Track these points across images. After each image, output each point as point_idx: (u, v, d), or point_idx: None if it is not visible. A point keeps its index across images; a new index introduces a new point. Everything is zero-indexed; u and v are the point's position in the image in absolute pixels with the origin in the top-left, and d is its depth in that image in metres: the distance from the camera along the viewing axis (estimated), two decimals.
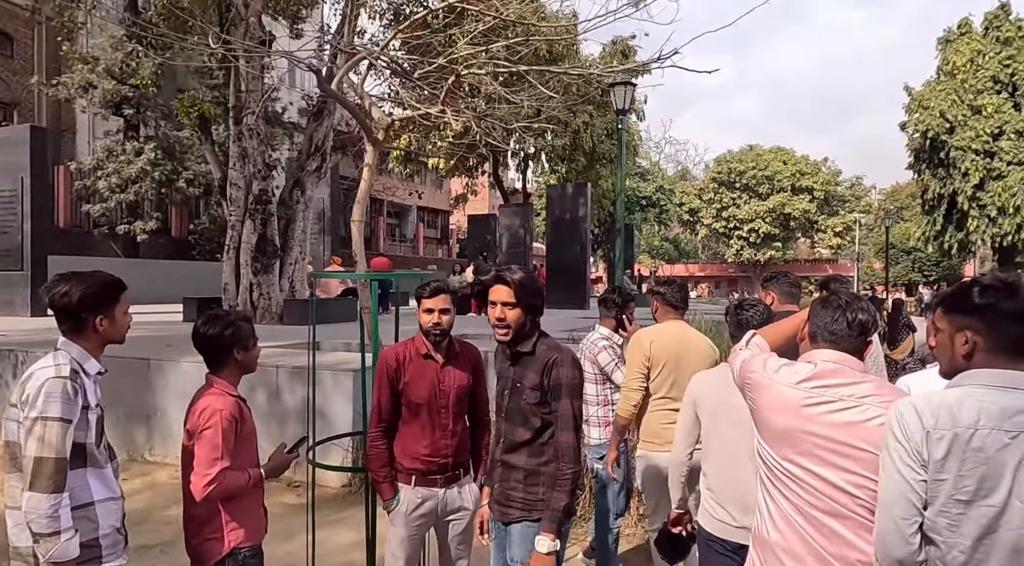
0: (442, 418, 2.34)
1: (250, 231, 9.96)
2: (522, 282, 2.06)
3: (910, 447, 1.32)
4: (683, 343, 3.02)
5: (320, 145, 10.91)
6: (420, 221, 37.24)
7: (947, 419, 1.29)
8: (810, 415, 1.53)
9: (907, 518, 1.32)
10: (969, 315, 1.38)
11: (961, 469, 1.27)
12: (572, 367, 2.11)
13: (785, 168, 48.20)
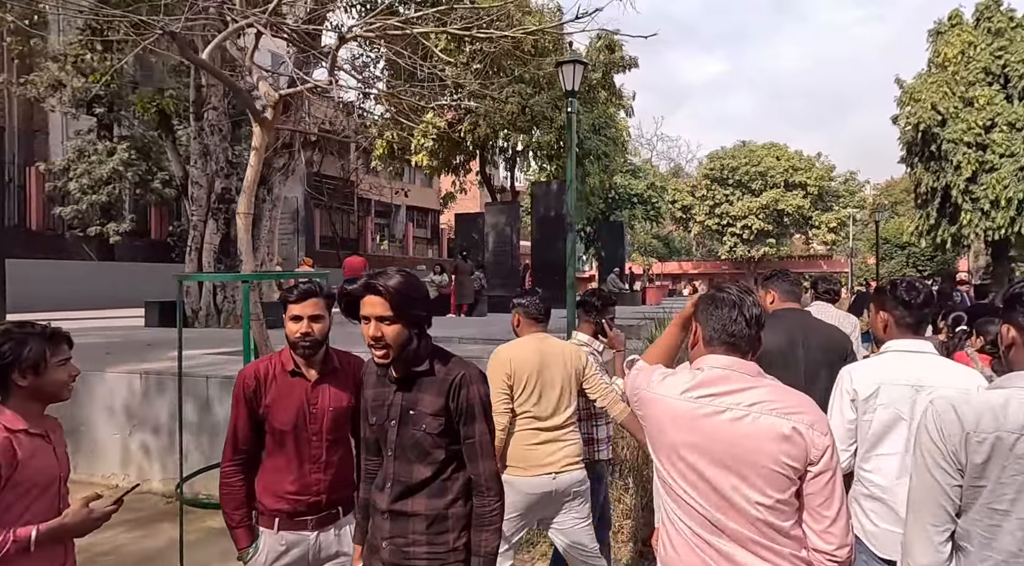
0: (313, 447, 1.95)
1: (213, 231, 9.57)
2: (398, 289, 1.66)
3: (947, 449, 1.23)
4: (545, 355, 2.75)
5: (288, 141, 10.52)
6: (409, 221, 36.84)
7: (990, 421, 1.20)
8: (699, 427, 1.41)
9: (938, 525, 1.25)
10: (1016, 310, 1.31)
11: (1002, 476, 1.18)
12: (482, 383, 1.75)
13: (778, 164, 47.92)
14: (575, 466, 2.68)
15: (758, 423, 1.36)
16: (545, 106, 19.78)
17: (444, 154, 23.47)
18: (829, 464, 1.34)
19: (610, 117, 22.81)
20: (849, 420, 2.00)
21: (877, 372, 1.98)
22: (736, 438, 1.37)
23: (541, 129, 19.75)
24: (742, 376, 1.43)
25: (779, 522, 1.35)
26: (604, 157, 21.39)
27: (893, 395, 1.92)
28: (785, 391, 1.45)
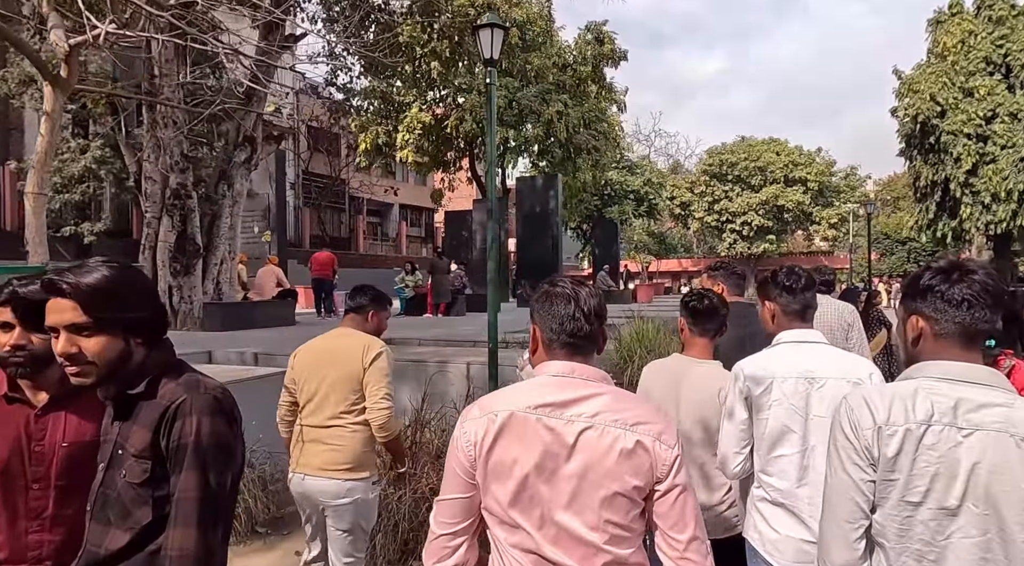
0: (33, 498, 1.45)
1: (167, 229, 9.13)
2: (96, 287, 1.23)
3: (860, 444, 1.24)
4: (331, 354, 2.62)
5: (249, 134, 10.07)
6: (403, 219, 36.38)
7: (900, 414, 1.21)
8: (532, 443, 1.25)
9: (852, 521, 1.25)
10: (917, 299, 1.30)
11: (913, 468, 1.19)
12: (210, 415, 1.27)
13: (778, 159, 47.28)
14: (329, 473, 2.53)
15: (600, 437, 1.23)
16: (532, 100, 19.32)
17: (434, 151, 23.06)
18: (676, 481, 1.23)
19: (601, 111, 22.30)
20: (742, 420, 1.92)
21: (769, 366, 1.89)
22: (575, 455, 1.23)
23: (529, 122, 19.25)
24: (585, 382, 1.28)
25: (619, 550, 1.22)
26: (595, 152, 20.88)
27: (786, 389, 1.84)
28: (627, 398, 1.30)
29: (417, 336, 7.79)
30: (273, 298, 10.31)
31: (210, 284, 9.47)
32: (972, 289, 1.22)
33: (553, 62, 20.99)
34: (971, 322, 1.22)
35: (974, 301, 1.22)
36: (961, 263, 1.28)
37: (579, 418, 1.23)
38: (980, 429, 1.15)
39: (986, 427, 1.15)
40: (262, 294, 10.29)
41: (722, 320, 2.34)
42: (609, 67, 22.30)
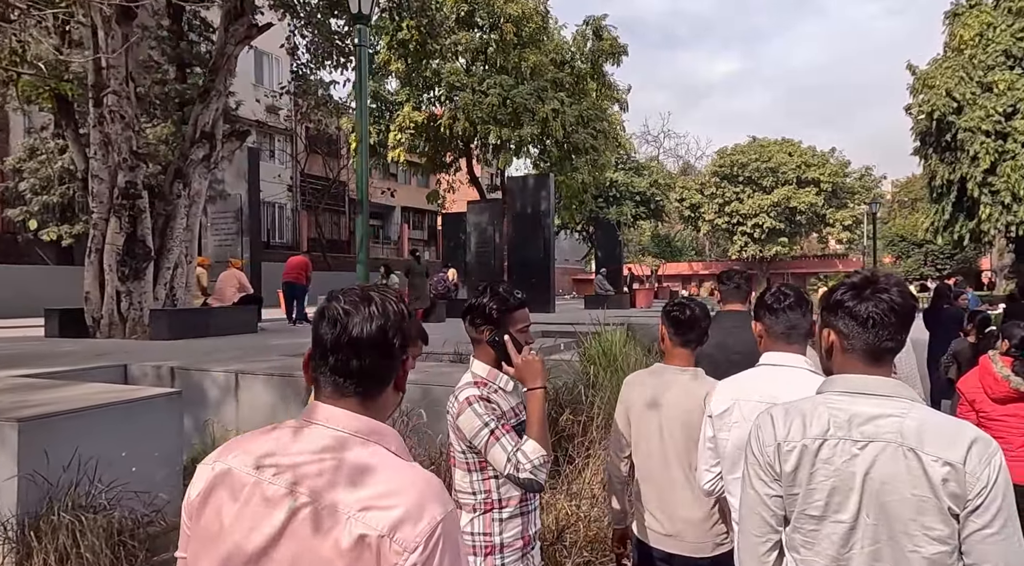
0: None
1: (115, 231, 8.58)
2: None
3: (763, 460, 1.26)
4: None
5: (208, 130, 9.50)
6: (404, 222, 35.89)
7: (798, 429, 1.23)
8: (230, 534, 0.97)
9: (760, 535, 1.27)
10: (830, 313, 1.29)
11: (811, 482, 1.21)
12: None
13: (790, 160, 46.21)
14: None
15: (310, 520, 0.90)
16: (527, 97, 18.64)
17: (431, 152, 22.48)
18: None
19: (601, 110, 21.57)
20: (708, 437, 1.94)
21: (734, 388, 1.89)
22: (283, 541, 0.91)
23: (523, 121, 18.57)
24: (332, 433, 0.97)
25: None
26: (593, 151, 20.15)
27: (745, 412, 1.81)
28: (385, 464, 0.95)
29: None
30: (234, 304, 9.73)
31: (162, 290, 8.90)
32: (879, 307, 1.22)
33: (551, 59, 20.31)
34: (875, 341, 1.23)
35: (879, 319, 1.22)
36: (875, 279, 1.25)
37: (288, 486, 0.93)
38: (873, 441, 1.16)
39: (879, 438, 1.16)
40: (222, 300, 9.71)
41: (703, 330, 2.22)
42: (610, 64, 21.59)
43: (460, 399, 1.77)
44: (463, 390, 1.80)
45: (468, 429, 1.73)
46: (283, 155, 29.05)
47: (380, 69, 20.26)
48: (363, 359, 1.00)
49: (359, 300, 1.02)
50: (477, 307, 1.87)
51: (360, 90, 3.56)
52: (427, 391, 4.42)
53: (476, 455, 1.79)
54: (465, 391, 1.78)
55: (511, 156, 19.56)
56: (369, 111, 21.48)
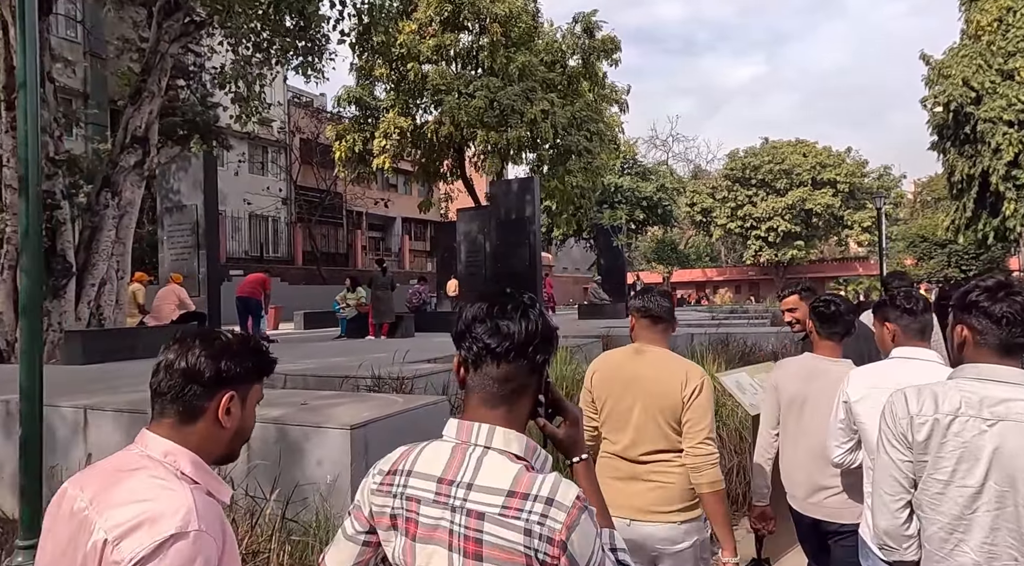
0: None
1: None
2: None
3: (897, 431, 1.48)
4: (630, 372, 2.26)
5: (140, 135, 8.77)
6: (405, 233, 35.20)
7: (930, 406, 1.44)
8: None
9: (892, 495, 1.50)
10: (964, 311, 1.49)
11: (940, 451, 1.41)
12: None
13: (805, 161, 44.81)
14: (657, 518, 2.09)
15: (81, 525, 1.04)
16: (515, 99, 17.82)
17: (422, 159, 21.75)
18: None
19: (596, 111, 20.67)
20: (840, 419, 2.11)
21: (871, 378, 2.06)
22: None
23: (511, 123, 17.73)
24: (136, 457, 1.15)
25: None
26: (587, 154, 19.22)
27: (883, 399, 1.82)
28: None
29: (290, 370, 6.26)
30: (173, 322, 8.94)
31: (86, 309, 8.14)
32: (1012, 308, 1.43)
33: (541, 59, 19.50)
34: (1007, 337, 1.44)
35: (1013, 318, 1.43)
36: (1008, 283, 1.47)
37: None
38: (1003, 420, 1.37)
39: (1009, 418, 1.37)
40: (159, 318, 8.93)
41: (848, 324, 2.42)
42: (606, 63, 20.71)
43: (564, 501, 0.95)
44: (557, 486, 0.96)
45: (584, 549, 0.95)
46: (275, 167, 28.56)
47: (364, 74, 19.63)
48: (174, 380, 1.12)
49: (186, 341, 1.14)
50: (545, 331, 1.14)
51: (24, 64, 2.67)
52: (284, 434, 3.50)
53: None
54: (561, 486, 0.96)
55: (498, 161, 18.70)
56: (353, 118, 20.93)
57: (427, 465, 1.01)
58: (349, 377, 5.54)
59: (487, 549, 0.93)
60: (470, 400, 1.04)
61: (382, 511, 1.03)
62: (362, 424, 3.39)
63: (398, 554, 1.00)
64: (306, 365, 6.67)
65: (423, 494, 0.99)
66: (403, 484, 1.01)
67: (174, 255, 11.86)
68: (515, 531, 0.92)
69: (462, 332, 1.04)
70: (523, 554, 0.91)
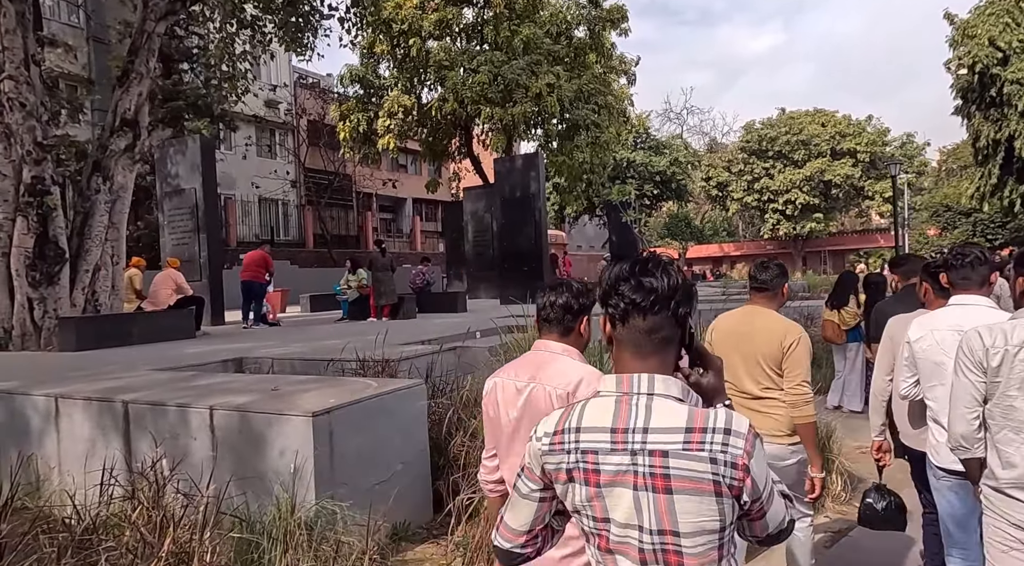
0: None
1: (23, 231, 7.77)
2: None
3: (974, 359, 1.91)
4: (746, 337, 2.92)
5: (130, 118, 8.62)
6: (416, 214, 34.98)
7: (1001, 340, 1.86)
8: None
9: (968, 408, 1.93)
10: (1022, 266, 2.07)
11: (1010, 374, 1.84)
12: None
13: (823, 131, 43.58)
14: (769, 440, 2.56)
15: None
16: (519, 73, 17.37)
17: (428, 137, 21.43)
18: None
19: (604, 84, 20.13)
20: (906, 357, 2.59)
21: (928, 322, 2.54)
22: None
23: (516, 98, 17.31)
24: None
25: None
26: (595, 128, 18.76)
27: (937, 338, 2.47)
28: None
29: (278, 354, 6.12)
30: (169, 307, 8.87)
31: (81, 295, 8.08)
32: None
33: (546, 31, 18.97)
34: None
35: None
36: None
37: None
38: None
39: None
40: (156, 303, 8.86)
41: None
42: (613, 33, 20.10)
43: (740, 429, 1.06)
44: (731, 418, 1.08)
45: (761, 478, 1.09)
46: (283, 150, 28.43)
47: (367, 52, 19.28)
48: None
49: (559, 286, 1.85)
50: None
51: None
52: (247, 421, 3.35)
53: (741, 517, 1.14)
54: (734, 417, 1.08)
55: (504, 138, 18.32)
56: (357, 97, 20.63)
57: (594, 419, 1.10)
58: (335, 360, 5.39)
59: (676, 482, 1.03)
60: (621, 354, 1.14)
61: (558, 468, 1.12)
62: (325, 411, 3.22)
63: (580, 502, 1.10)
64: (295, 349, 6.54)
65: (599, 445, 1.08)
66: (575, 440, 1.11)
67: (175, 239, 11.80)
68: (701, 462, 1.02)
69: (607, 292, 1.14)
70: (711, 481, 1.02)
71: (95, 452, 3.93)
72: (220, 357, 6.06)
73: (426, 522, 3.71)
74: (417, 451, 3.76)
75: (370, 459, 3.46)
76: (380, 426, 3.55)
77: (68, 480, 3.75)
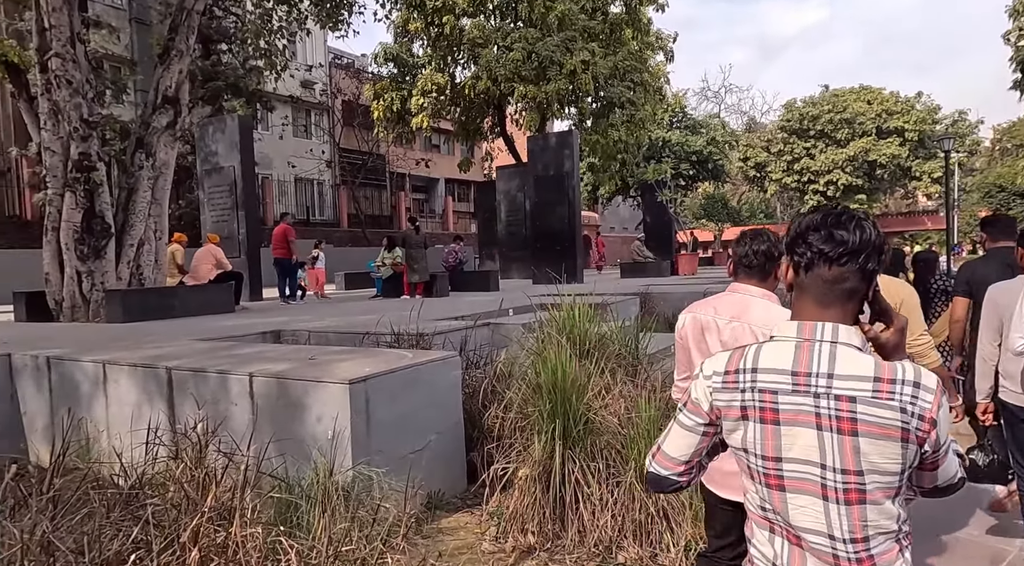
0: None
1: (71, 206, 8.01)
2: None
3: (995, 316, 2.56)
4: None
5: (171, 95, 8.77)
6: (448, 195, 35.05)
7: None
8: None
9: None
10: None
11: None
12: None
13: (869, 109, 42.02)
14: None
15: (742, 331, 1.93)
16: (553, 50, 17.10)
17: (461, 116, 21.35)
18: None
19: (640, 61, 19.68)
20: (1019, 313, 2.74)
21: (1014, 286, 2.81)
22: None
23: (550, 75, 17.06)
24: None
25: None
26: (630, 106, 18.40)
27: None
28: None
29: (315, 327, 6.22)
30: (210, 282, 9.08)
31: (126, 269, 8.32)
32: None
33: (581, 6, 18.59)
34: None
35: None
36: None
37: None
38: None
39: None
40: (197, 278, 9.08)
41: None
42: (650, 8, 19.61)
43: (929, 384, 1.11)
44: (919, 372, 1.12)
45: (944, 433, 1.16)
46: (318, 130, 28.68)
47: (400, 31, 19.22)
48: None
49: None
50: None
51: None
52: (285, 388, 3.40)
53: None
54: (922, 372, 1.13)
55: (537, 116, 18.11)
56: (391, 76, 20.62)
57: (773, 361, 1.15)
58: (370, 334, 5.43)
59: (862, 426, 1.08)
60: (803, 302, 1.17)
61: (729, 405, 1.18)
62: (362, 379, 3.24)
63: (751, 438, 1.16)
64: (331, 322, 6.63)
65: (778, 386, 1.13)
66: (751, 380, 1.16)
67: (215, 216, 12.05)
68: (891, 410, 1.07)
69: (795, 239, 1.17)
70: (899, 429, 1.07)
71: (140, 415, 4.05)
72: (258, 329, 6.18)
73: (460, 492, 3.73)
74: (451, 422, 3.78)
75: (405, 428, 3.49)
76: (415, 396, 3.57)
77: (115, 442, 3.88)
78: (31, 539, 1.88)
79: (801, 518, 1.12)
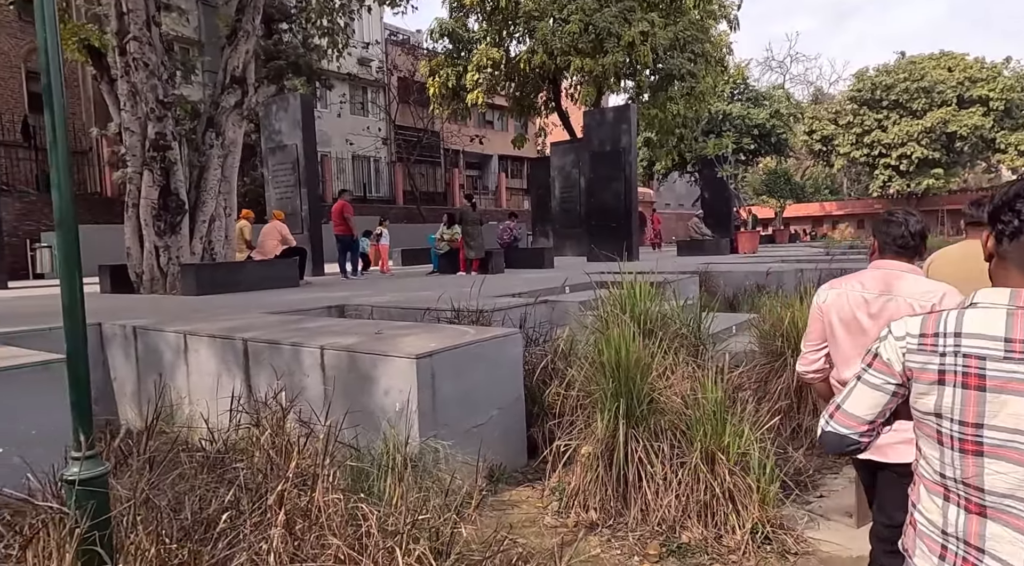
0: None
1: (149, 184, 8.43)
2: None
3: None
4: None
5: (239, 75, 9.05)
6: (502, 171, 35.01)
7: None
8: None
9: None
10: None
11: None
12: None
13: (950, 76, 39.31)
14: None
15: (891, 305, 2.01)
16: (611, 21, 16.67)
17: (516, 91, 21.20)
18: None
19: (702, 30, 18.96)
20: None
21: None
22: None
23: (607, 48, 16.67)
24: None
25: None
26: (690, 77, 17.82)
27: None
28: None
29: (377, 302, 6.39)
30: (276, 257, 9.43)
31: (199, 244, 8.73)
32: None
33: None
34: None
35: None
36: None
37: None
38: None
39: None
40: (264, 253, 9.44)
41: None
42: None
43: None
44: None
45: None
46: (375, 107, 29.04)
47: (455, 5, 19.13)
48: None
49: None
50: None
51: None
52: (355, 361, 3.52)
53: None
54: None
55: (594, 90, 17.77)
56: (446, 52, 20.60)
57: (981, 327, 1.13)
58: (430, 310, 5.54)
59: None
60: (1007, 270, 1.16)
61: (923, 368, 1.18)
62: (428, 354, 3.32)
63: (949, 403, 1.14)
64: (393, 298, 6.79)
65: (988, 352, 1.11)
66: (954, 344, 1.14)
67: (279, 193, 12.46)
68: None
69: (1000, 207, 1.15)
70: None
71: (220, 384, 4.28)
72: (323, 303, 6.40)
73: (520, 467, 3.80)
74: (513, 397, 3.84)
75: (468, 403, 3.56)
76: (478, 371, 3.63)
77: (197, 408, 4.13)
78: (136, 497, 2.03)
79: (999, 483, 1.11)
